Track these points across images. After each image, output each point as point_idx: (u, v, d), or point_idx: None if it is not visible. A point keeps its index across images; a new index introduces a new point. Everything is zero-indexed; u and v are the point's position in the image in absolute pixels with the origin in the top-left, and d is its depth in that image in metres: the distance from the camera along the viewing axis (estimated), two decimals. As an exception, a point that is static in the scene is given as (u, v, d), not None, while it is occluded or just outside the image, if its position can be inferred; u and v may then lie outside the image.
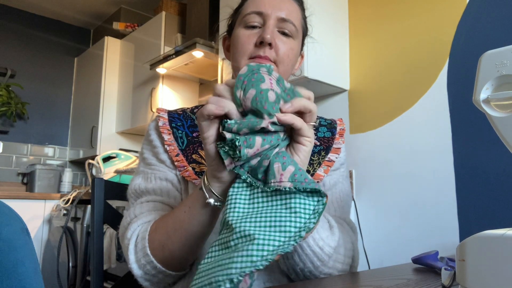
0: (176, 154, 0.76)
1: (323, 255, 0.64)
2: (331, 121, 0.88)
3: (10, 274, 0.46)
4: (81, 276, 2.36)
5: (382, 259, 1.74)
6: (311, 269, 0.64)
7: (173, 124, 0.80)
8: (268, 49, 0.72)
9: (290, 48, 0.75)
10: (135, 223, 0.69)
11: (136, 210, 0.73)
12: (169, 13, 2.93)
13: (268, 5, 0.74)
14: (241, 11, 0.77)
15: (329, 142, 0.82)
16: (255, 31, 0.74)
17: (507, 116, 0.43)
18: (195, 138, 0.79)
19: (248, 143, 0.49)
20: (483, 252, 0.40)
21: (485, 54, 0.46)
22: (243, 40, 0.74)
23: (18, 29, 3.56)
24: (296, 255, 0.64)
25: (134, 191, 0.77)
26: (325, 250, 0.64)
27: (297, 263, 0.64)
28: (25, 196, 2.82)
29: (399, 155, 1.75)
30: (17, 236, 0.49)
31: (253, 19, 0.74)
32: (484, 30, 1.53)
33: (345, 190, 0.82)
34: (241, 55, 0.74)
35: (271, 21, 0.73)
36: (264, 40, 0.71)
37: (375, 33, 1.92)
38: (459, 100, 1.58)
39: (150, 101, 2.91)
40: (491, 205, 1.43)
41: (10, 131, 3.45)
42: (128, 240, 0.67)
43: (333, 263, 0.66)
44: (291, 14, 0.75)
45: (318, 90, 2.02)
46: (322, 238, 0.63)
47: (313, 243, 0.63)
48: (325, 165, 0.78)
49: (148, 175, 0.77)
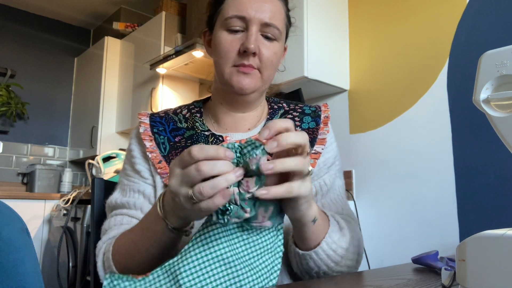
0: (159, 161, 0.76)
1: (336, 257, 0.64)
2: (315, 107, 0.86)
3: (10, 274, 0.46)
4: (81, 276, 2.36)
5: (382, 259, 1.74)
6: (325, 270, 0.65)
7: (155, 129, 0.79)
8: (252, 57, 0.72)
9: (273, 53, 0.74)
10: (102, 239, 0.72)
11: (105, 224, 0.76)
12: (169, 13, 2.93)
13: (251, 8, 0.71)
14: (222, 11, 0.75)
15: (314, 133, 0.81)
16: (238, 36, 0.72)
17: (507, 116, 0.43)
18: (177, 143, 0.77)
19: (238, 214, 0.47)
20: (483, 252, 0.40)
21: (485, 54, 0.46)
22: (226, 47, 0.72)
23: (18, 29, 3.56)
24: (311, 262, 0.64)
25: (109, 203, 0.79)
26: (338, 252, 0.64)
27: (312, 267, 0.65)
28: (25, 196, 2.82)
29: (399, 155, 1.75)
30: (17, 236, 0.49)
31: (235, 23, 0.72)
32: (484, 30, 1.53)
33: (342, 184, 0.82)
34: (225, 62, 0.73)
35: (254, 28, 0.72)
36: (248, 50, 0.70)
37: (375, 33, 1.92)
38: (459, 100, 1.58)
39: (150, 101, 2.91)
40: (491, 205, 1.43)
41: (10, 131, 3.44)
42: (97, 257, 0.70)
43: (345, 261, 0.66)
44: (274, 17, 0.73)
45: (318, 90, 2.02)
46: (334, 241, 0.64)
47: (327, 247, 0.63)
48: (312, 158, 0.77)
49: (124, 187, 0.79)
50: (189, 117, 0.82)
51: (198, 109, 0.84)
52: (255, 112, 0.82)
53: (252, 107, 0.81)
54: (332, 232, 0.64)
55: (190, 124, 0.80)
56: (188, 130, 0.79)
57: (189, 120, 0.81)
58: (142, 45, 3.10)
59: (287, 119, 0.50)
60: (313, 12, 1.85)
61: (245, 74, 0.72)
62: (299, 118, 0.83)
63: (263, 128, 0.48)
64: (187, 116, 0.82)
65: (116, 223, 0.74)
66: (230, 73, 0.73)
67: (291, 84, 1.88)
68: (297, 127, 0.81)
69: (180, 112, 0.84)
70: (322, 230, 0.63)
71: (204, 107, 0.86)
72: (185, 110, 0.84)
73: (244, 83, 0.72)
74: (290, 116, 0.83)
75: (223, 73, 0.74)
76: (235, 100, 0.78)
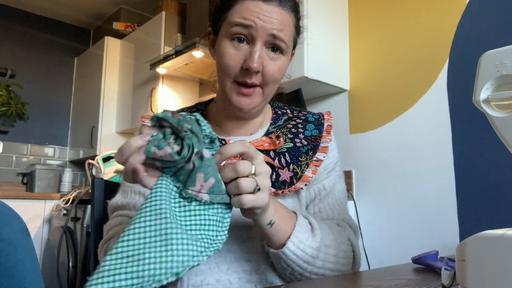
0: None
1: (306, 257, 0.64)
2: (318, 116, 0.85)
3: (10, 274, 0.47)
4: (81, 276, 2.36)
5: (382, 259, 1.74)
6: (300, 271, 0.66)
7: None
8: (255, 75, 0.70)
9: (278, 69, 0.72)
10: (103, 239, 0.74)
11: (107, 225, 0.77)
12: (169, 13, 2.93)
13: (258, 18, 0.68)
14: (227, 17, 0.71)
15: (317, 141, 0.81)
16: (242, 51, 0.70)
17: (507, 116, 0.43)
18: None
19: (159, 144, 0.49)
20: (483, 252, 0.40)
21: (485, 54, 0.46)
22: (229, 62, 0.70)
23: (18, 29, 3.56)
24: (282, 262, 0.65)
25: (111, 205, 0.80)
26: (307, 251, 0.64)
27: (285, 268, 0.66)
28: (25, 196, 2.82)
29: (399, 155, 1.75)
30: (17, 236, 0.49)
31: (240, 31, 0.69)
32: (484, 30, 1.53)
33: (342, 190, 0.83)
34: (227, 76, 0.71)
35: (259, 42, 0.69)
36: (251, 70, 0.68)
37: (375, 33, 1.92)
38: (459, 100, 1.58)
39: (150, 101, 2.91)
40: (491, 205, 1.43)
41: (10, 131, 3.44)
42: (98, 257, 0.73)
43: (322, 263, 0.66)
44: (282, 30, 0.70)
45: (318, 90, 2.02)
46: (301, 241, 0.64)
47: (294, 247, 0.63)
48: (313, 165, 0.77)
49: (126, 188, 0.80)
50: None
51: (200, 112, 0.84)
52: (258, 118, 0.82)
53: (254, 116, 0.81)
54: (299, 233, 0.64)
55: None
56: None
57: None
58: (142, 45, 3.10)
59: (243, 142, 0.54)
60: (313, 12, 1.85)
61: (246, 96, 0.72)
62: (302, 125, 0.83)
63: (215, 153, 0.52)
64: None
65: (116, 224, 0.75)
66: (231, 90, 0.72)
67: (291, 84, 1.88)
68: (300, 134, 0.81)
69: None
70: (285, 228, 0.63)
71: (207, 110, 0.86)
72: (188, 112, 0.84)
73: (244, 104, 0.72)
74: (293, 122, 0.83)
75: (224, 87, 0.73)
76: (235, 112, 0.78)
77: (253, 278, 0.70)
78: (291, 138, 0.79)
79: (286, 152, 0.77)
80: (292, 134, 0.80)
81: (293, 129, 0.81)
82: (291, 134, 0.80)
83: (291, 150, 0.78)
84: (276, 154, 0.77)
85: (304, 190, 0.78)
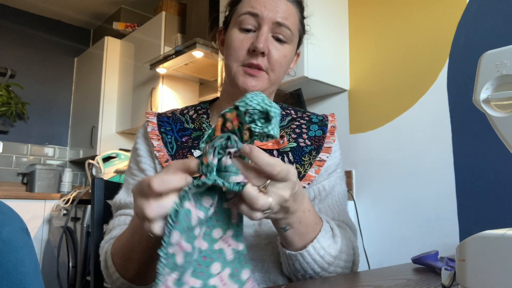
0: (166, 160, 0.76)
1: (323, 263, 0.64)
2: (322, 117, 0.87)
3: (10, 274, 0.46)
4: (81, 276, 2.36)
5: (382, 259, 1.74)
6: (312, 274, 0.65)
7: (162, 129, 0.80)
8: (261, 57, 0.73)
9: (283, 56, 0.75)
10: (105, 238, 0.73)
11: (110, 224, 0.76)
12: (169, 13, 2.93)
13: (264, 7, 0.73)
14: (237, 9, 0.76)
15: (320, 141, 0.81)
16: (249, 35, 0.74)
17: (507, 116, 0.43)
18: (184, 143, 0.78)
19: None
20: (483, 252, 0.40)
21: (485, 54, 0.46)
22: (237, 45, 0.73)
23: (18, 29, 3.56)
24: (297, 263, 0.64)
25: (114, 203, 0.80)
26: (326, 258, 0.64)
27: (298, 270, 0.65)
28: (25, 196, 2.82)
29: (399, 155, 1.75)
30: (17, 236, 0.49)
31: (248, 20, 0.73)
32: (484, 30, 1.53)
33: (342, 191, 0.83)
34: (234, 60, 0.74)
35: (266, 27, 0.73)
36: (257, 50, 0.71)
37: (375, 33, 1.92)
38: (459, 100, 1.58)
39: (150, 101, 2.91)
40: (491, 205, 1.43)
41: (10, 131, 3.45)
42: (100, 256, 0.71)
43: (334, 268, 0.66)
44: (287, 18, 0.74)
45: (318, 90, 2.02)
46: (323, 247, 0.63)
47: (313, 252, 0.63)
48: (316, 165, 0.78)
49: (130, 186, 0.79)
50: (195, 118, 0.83)
51: (204, 110, 0.85)
52: None
53: None
54: (322, 238, 0.64)
55: (197, 125, 0.81)
56: (195, 131, 0.80)
57: (195, 121, 0.82)
58: (142, 45, 3.10)
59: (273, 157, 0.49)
60: (313, 12, 1.85)
61: (252, 76, 0.73)
62: (306, 126, 0.83)
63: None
64: (193, 117, 0.83)
65: (120, 223, 0.74)
66: (237, 72, 0.74)
67: (291, 84, 1.88)
68: (303, 134, 0.81)
69: (187, 113, 0.84)
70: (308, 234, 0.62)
71: (211, 108, 0.86)
72: (192, 111, 0.85)
73: (250, 85, 0.73)
74: (297, 123, 0.84)
75: (231, 71, 0.75)
76: None
77: (256, 276, 0.70)
78: (294, 138, 0.80)
79: (290, 152, 0.78)
80: (296, 134, 0.81)
81: (297, 129, 0.82)
82: (294, 134, 0.81)
83: (295, 149, 0.78)
84: (280, 153, 0.77)
85: (306, 189, 0.78)
